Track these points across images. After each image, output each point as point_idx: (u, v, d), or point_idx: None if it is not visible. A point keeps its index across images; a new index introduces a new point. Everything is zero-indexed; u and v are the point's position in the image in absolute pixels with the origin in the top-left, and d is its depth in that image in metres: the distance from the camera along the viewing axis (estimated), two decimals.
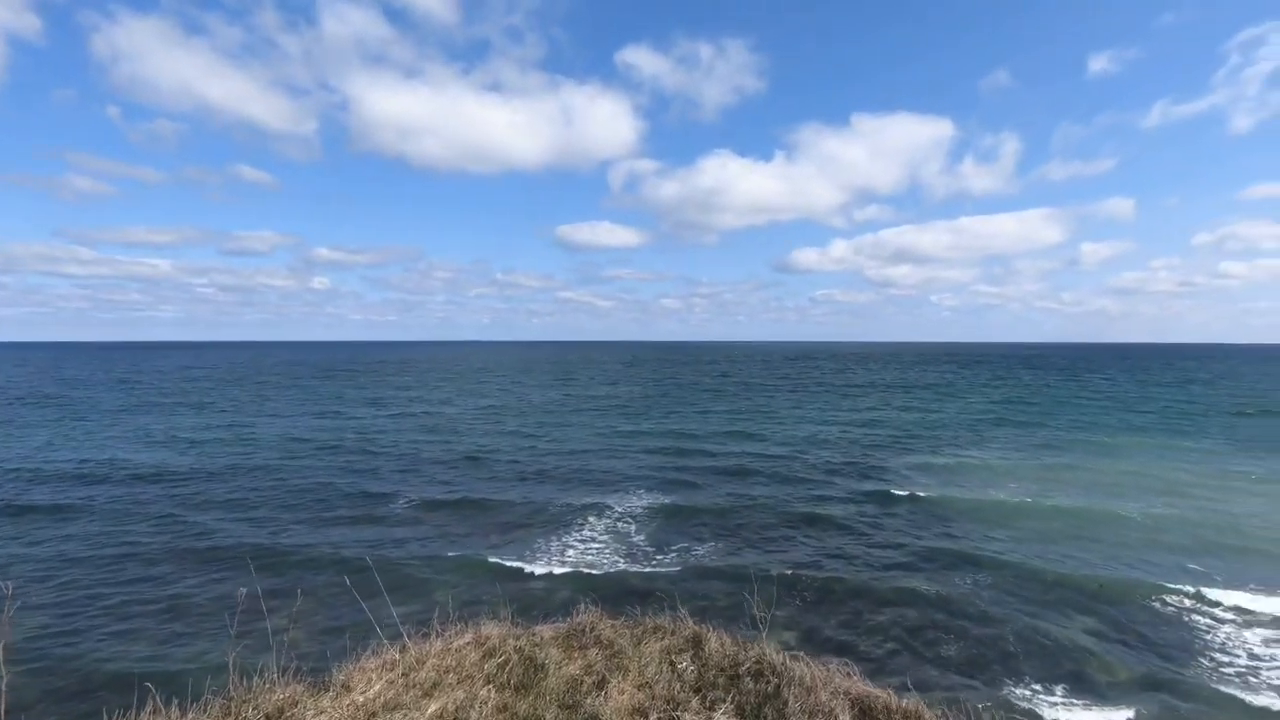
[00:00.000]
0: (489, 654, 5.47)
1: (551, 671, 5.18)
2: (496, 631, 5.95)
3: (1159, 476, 33.39)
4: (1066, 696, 13.49)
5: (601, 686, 5.01)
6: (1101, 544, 22.83)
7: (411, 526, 25.05)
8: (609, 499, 28.78)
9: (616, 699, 4.83)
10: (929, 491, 29.86)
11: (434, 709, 4.64)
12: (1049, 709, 13.04)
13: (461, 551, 21.91)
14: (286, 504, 28.12)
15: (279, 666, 5.07)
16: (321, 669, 5.28)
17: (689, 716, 4.67)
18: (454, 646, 5.65)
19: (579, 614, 6.41)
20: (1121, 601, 18.10)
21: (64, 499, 28.47)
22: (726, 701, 4.83)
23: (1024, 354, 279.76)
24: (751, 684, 5.06)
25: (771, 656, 5.41)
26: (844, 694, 4.92)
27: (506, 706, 4.74)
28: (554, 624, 6.40)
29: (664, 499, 28.83)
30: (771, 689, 4.96)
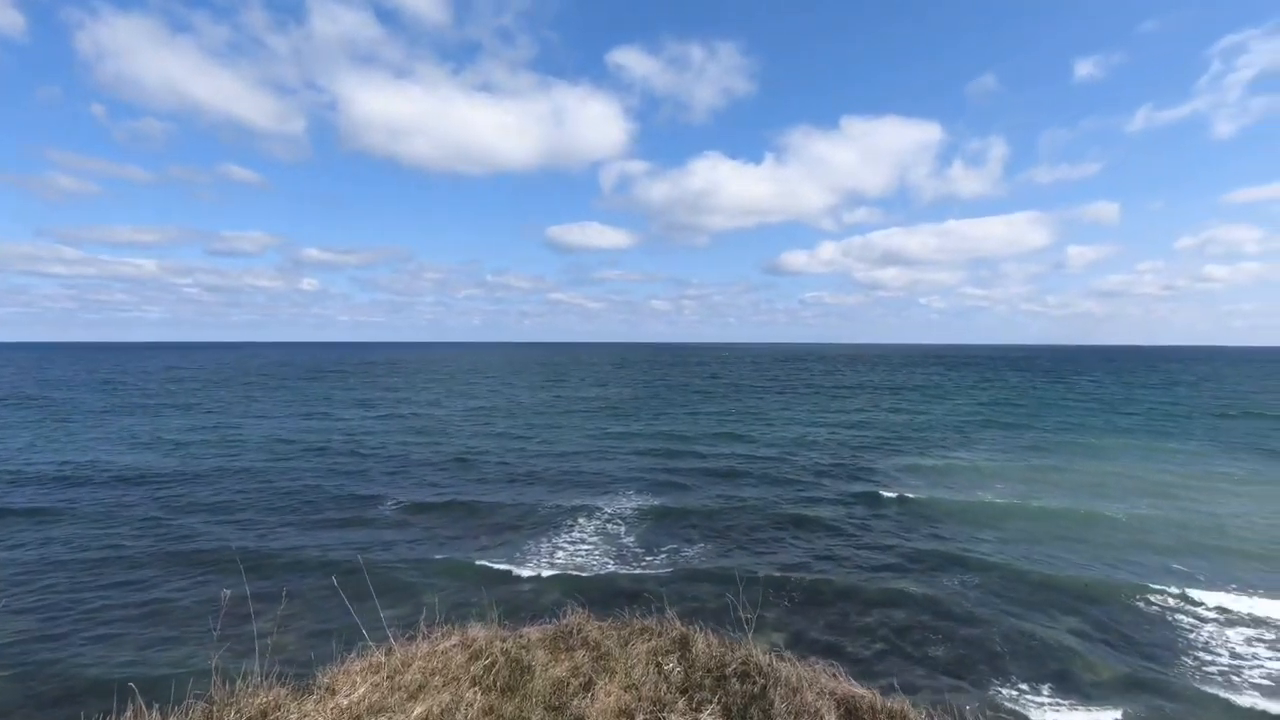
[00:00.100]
0: (475, 656, 5.45)
1: (538, 673, 5.17)
2: (483, 634, 5.94)
3: (1144, 478, 33.71)
4: (1052, 696, 13.58)
5: (588, 688, 5.00)
6: (1087, 545, 23.03)
7: (400, 529, 24.90)
8: (598, 501, 28.73)
9: (603, 701, 4.83)
10: (917, 493, 30.01)
11: (419, 711, 4.62)
12: (1035, 709, 13.12)
13: (450, 554, 21.80)
14: (273, 506, 27.87)
15: (263, 670, 5.03)
16: (307, 672, 5.25)
17: (675, 718, 4.67)
18: (440, 649, 5.63)
19: (566, 616, 6.40)
20: (1106, 602, 18.26)
21: (45, 502, 28.07)
22: (713, 702, 4.83)
23: (1011, 356, 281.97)
24: (738, 685, 5.07)
25: (758, 657, 5.42)
26: (830, 694, 4.93)
27: (492, 709, 4.72)
28: (541, 626, 6.38)
29: (653, 501, 28.81)
30: (758, 690, 4.96)
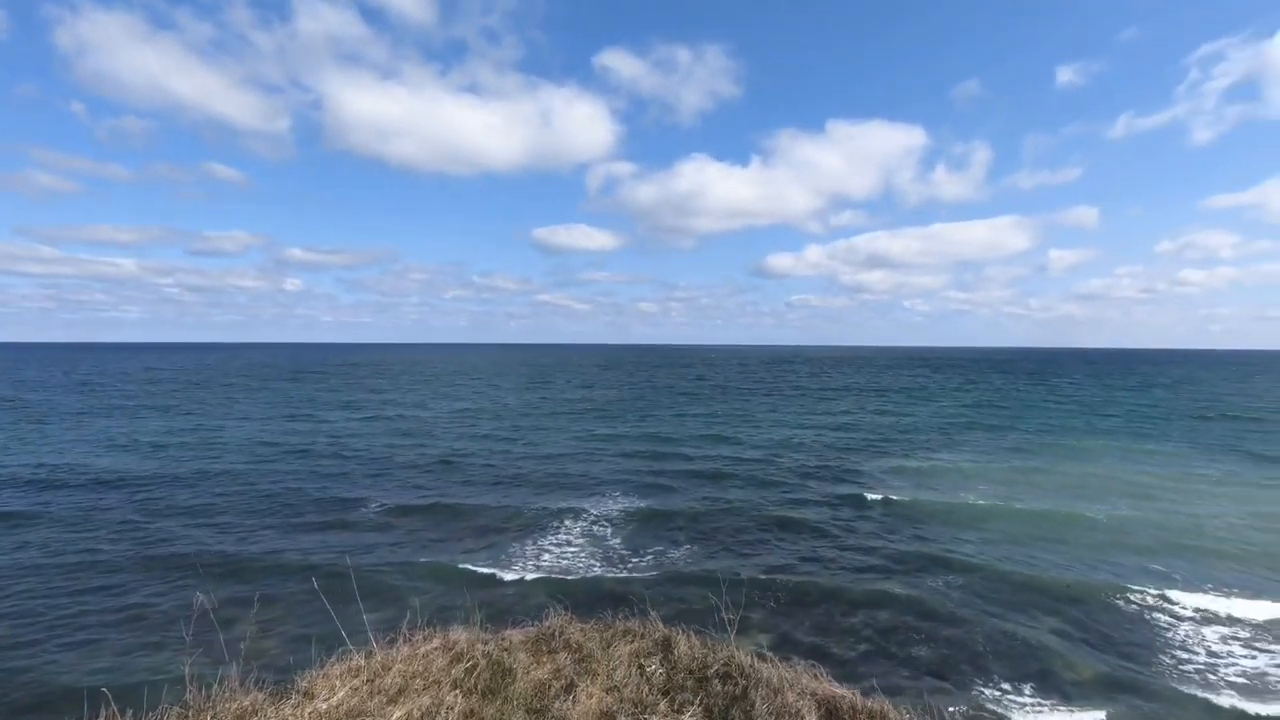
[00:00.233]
0: (456, 659, 5.41)
1: (519, 676, 5.14)
2: (465, 636, 5.89)
3: (1123, 479, 34.17)
4: (1034, 696, 13.71)
5: (570, 690, 4.98)
6: (1068, 545, 23.30)
7: (383, 532, 24.68)
8: (584, 503, 28.65)
9: (584, 703, 4.81)
10: (902, 494, 30.21)
11: (399, 715, 4.58)
12: (1017, 709, 13.24)
13: (434, 557, 21.64)
14: (254, 509, 27.52)
15: (241, 675, 4.96)
16: (286, 677, 5.18)
17: (656, 719, 4.65)
18: (421, 652, 5.58)
19: (549, 618, 6.37)
20: (1087, 602, 18.47)
21: (20, 505, 27.52)
22: (694, 704, 4.82)
23: (994, 358, 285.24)
24: (720, 686, 5.07)
25: (740, 659, 5.42)
26: (811, 695, 4.95)
27: (473, 712, 4.68)
28: (524, 628, 6.35)
29: (640, 503, 28.79)
30: (739, 691, 4.97)
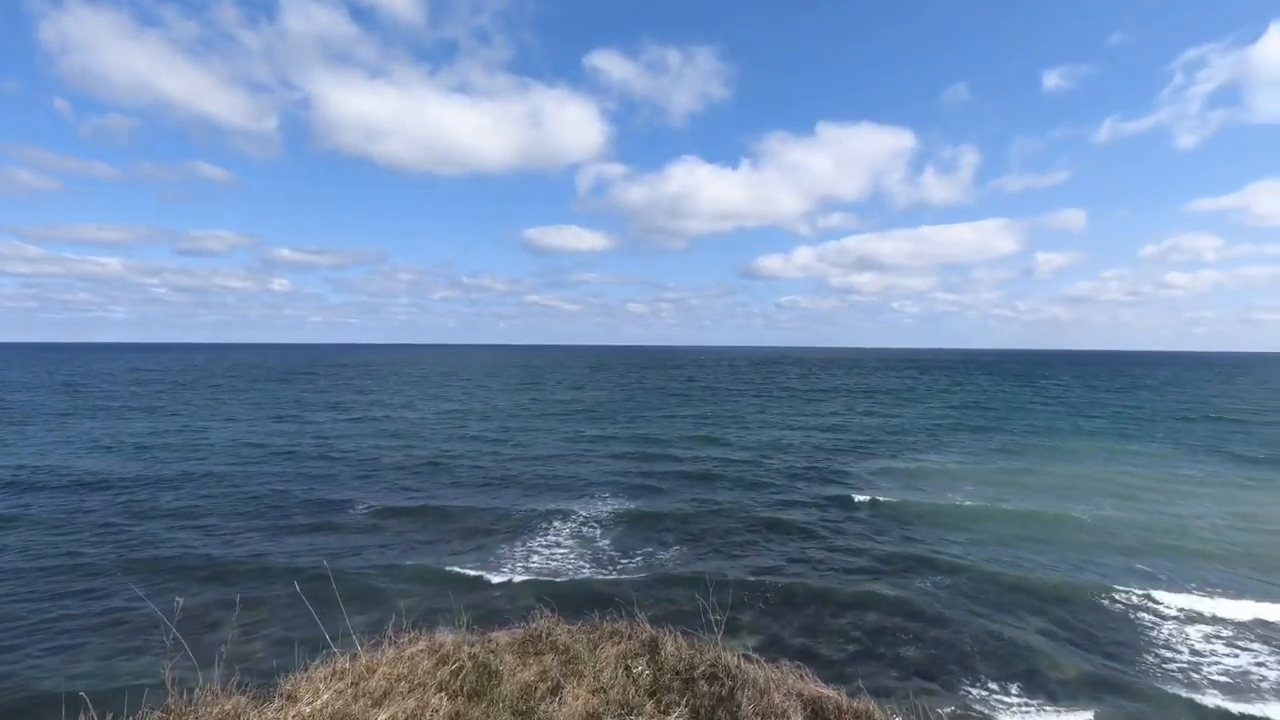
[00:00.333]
0: (442, 661, 5.36)
1: (505, 678, 5.10)
2: (451, 639, 5.85)
3: (1109, 480, 34.51)
4: (1020, 695, 13.81)
5: (556, 692, 4.95)
6: (1054, 546, 23.49)
7: (370, 534, 24.51)
8: (573, 504, 28.59)
9: (571, 705, 4.78)
10: (889, 496, 30.36)
11: (383, 718, 4.53)
12: (1004, 709, 13.32)
13: (421, 560, 21.51)
14: (240, 512, 27.25)
15: (224, 678, 4.90)
16: (270, 681, 5.12)
17: None
18: (406, 654, 5.53)
19: (536, 620, 6.34)
20: (1073, 602, 18.62)
21: (0, 508, 27.16)
22: (681, 705, 4.81)
23: (981, 360, 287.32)
24: (706, 687, 5.06)
25: (727, 660, 5.42)
26: (797, 695, 4.95)
27: (459, 714, 4.65)
28: (511, 630, 6.31)
29: (629, 504, 28.76)
30: (726, 692, 4.96)
